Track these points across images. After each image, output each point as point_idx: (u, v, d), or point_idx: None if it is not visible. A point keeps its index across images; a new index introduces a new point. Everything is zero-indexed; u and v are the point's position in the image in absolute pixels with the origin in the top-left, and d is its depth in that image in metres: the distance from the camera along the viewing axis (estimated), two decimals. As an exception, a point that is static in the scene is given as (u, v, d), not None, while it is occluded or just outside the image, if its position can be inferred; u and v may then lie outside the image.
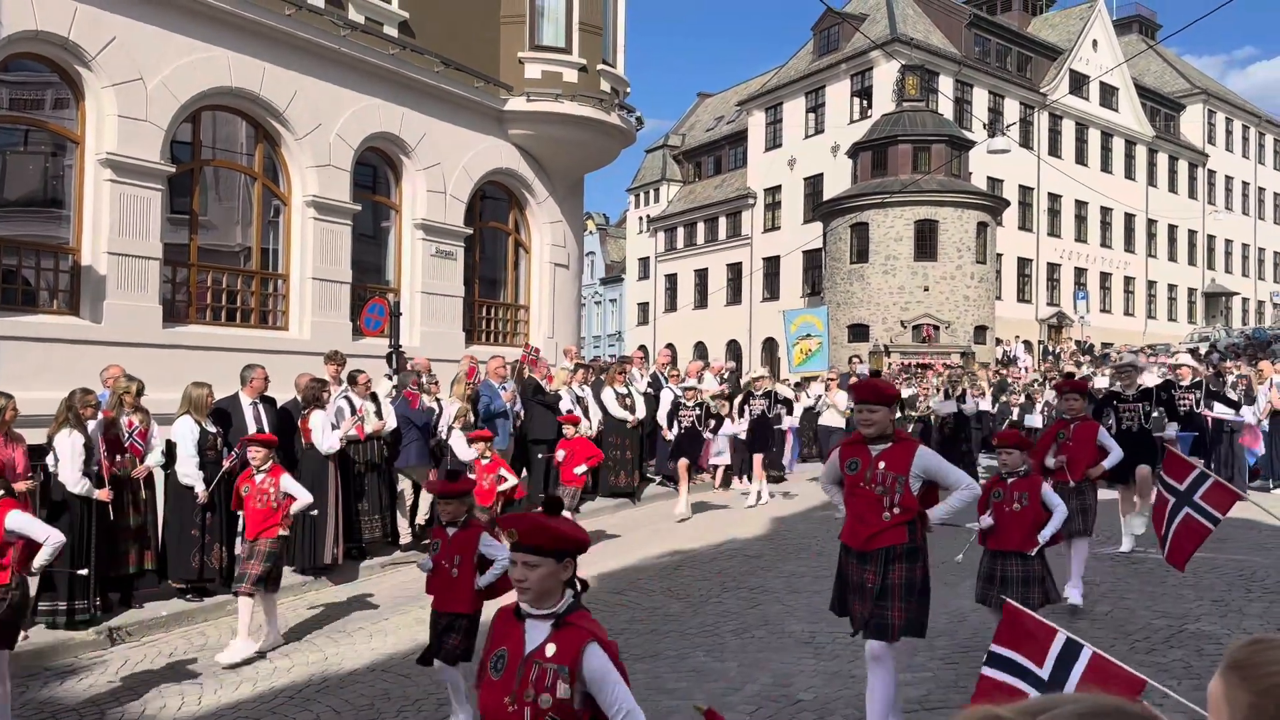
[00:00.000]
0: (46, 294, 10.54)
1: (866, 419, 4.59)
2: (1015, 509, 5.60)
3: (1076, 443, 7.13)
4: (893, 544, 4.49)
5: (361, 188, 13.77)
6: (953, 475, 4.64)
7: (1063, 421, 7.34)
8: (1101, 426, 7.39)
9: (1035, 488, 5.62)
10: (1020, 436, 6.03)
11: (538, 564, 2.74)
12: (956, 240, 32.84)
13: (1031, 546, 5.54)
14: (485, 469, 8.66)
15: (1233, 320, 49.28)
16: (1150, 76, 51.05)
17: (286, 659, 6.76)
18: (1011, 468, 5.76)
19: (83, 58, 10.42)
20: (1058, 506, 5.59)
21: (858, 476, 4.60)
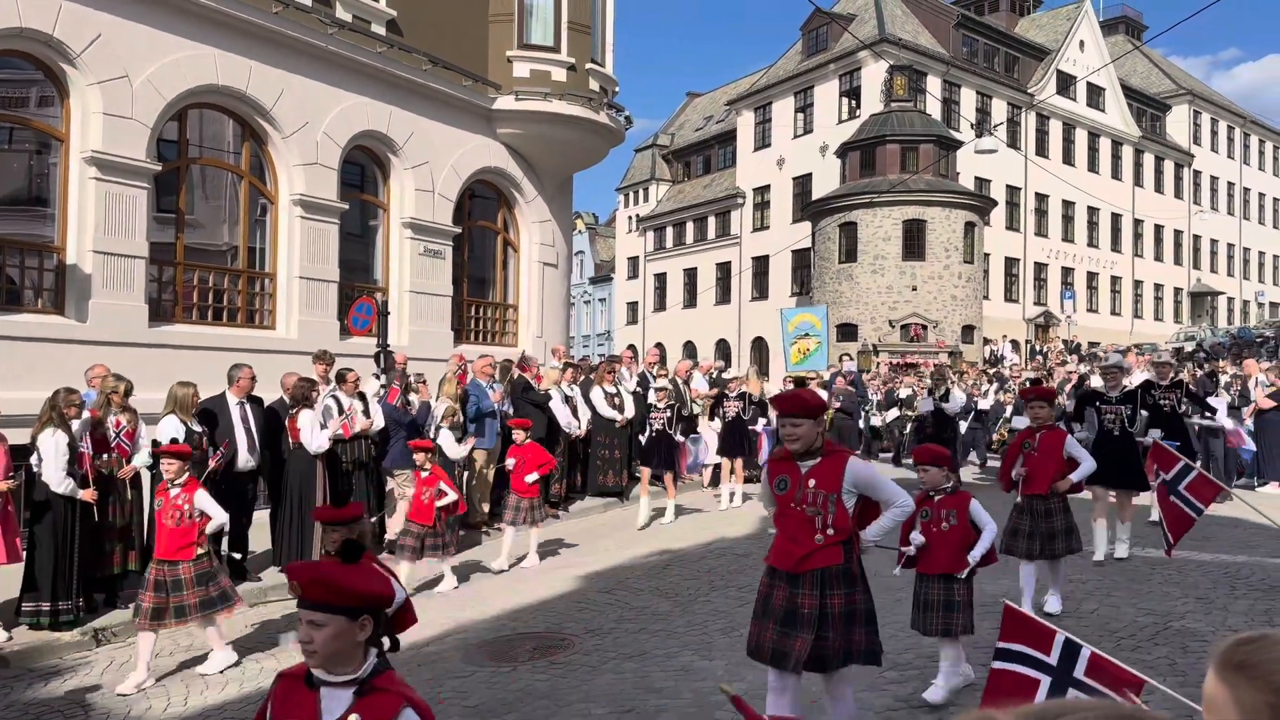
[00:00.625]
0: (31, 293, 10.47)
1: (790, 433, 4.18)
2: (943, 528, 5.23)
3: (1041, 453, 6.66)
4: (827, 565, 4.15)
5: (349, 186, 13.72)
6: (886, 490, 4.30)
7: (1029, 431, 6.88)
8: (1070, 436, 6.82)
9: (963, 505, 5.23)
10: (936, 451, 5.51)
11: (324, 623, 2.34)
12: (944, 240, 32.94)
13: (960, 568, 5.17)
14: (424, 482, 8.20)
15: (1218, 320, 49.60)
16: (1136, 77, 51.34)
17: (272, 660, 6.72)
18: (933, 485, 5.36)
19: (68, 55, 10.35)
20: (987, 525, 5.21)
21: (788, 496, 4.22)
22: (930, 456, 5.41)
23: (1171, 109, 51.03)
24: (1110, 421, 8.82)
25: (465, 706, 5.54)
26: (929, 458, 5.41)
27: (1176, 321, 48.51)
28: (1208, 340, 32.82)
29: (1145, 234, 48.68)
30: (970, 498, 5.29)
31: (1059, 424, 7.08)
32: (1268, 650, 1.17)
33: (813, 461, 4.21)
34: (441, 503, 8.18)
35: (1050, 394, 7.09)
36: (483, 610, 7.70)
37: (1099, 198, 45.06)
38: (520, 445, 9.31)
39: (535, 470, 9.21)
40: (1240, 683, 1.17)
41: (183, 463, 6.36)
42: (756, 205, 44.82)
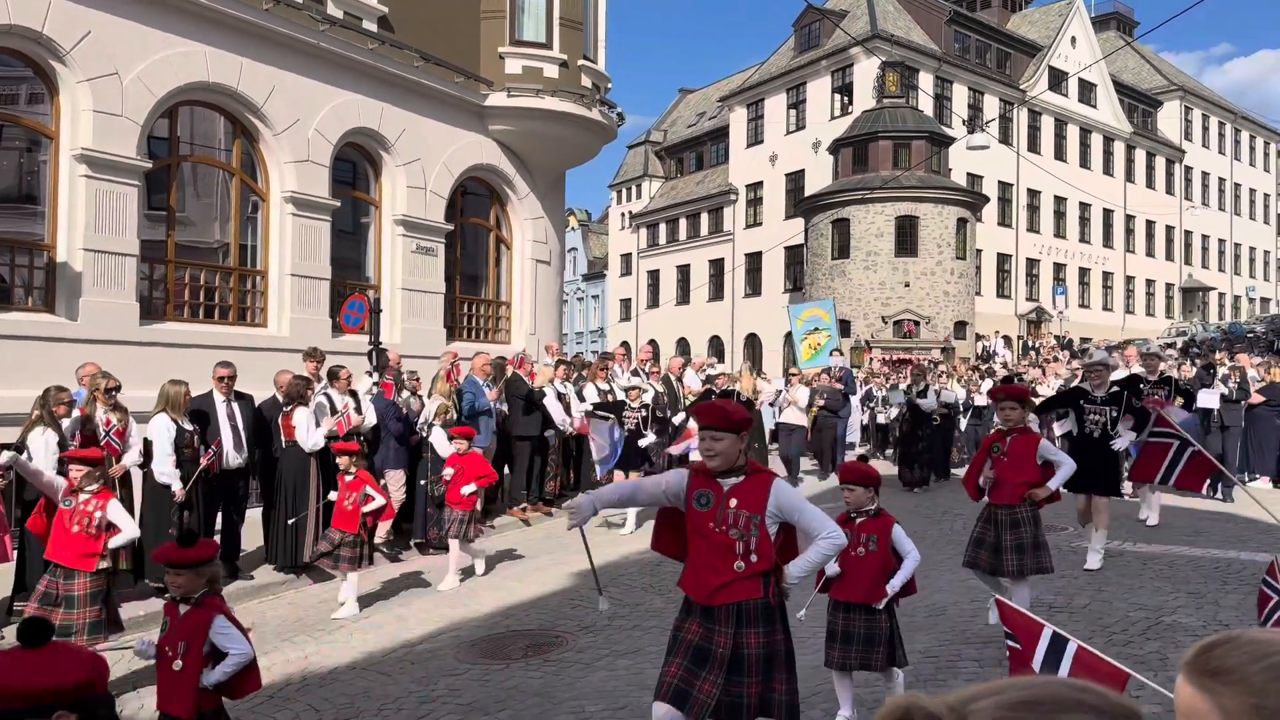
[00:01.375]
0: (21, 291, 10.43)
1: (710, 448, 3.67)
2: (861, 554, 4.76)
3: (1012, 458, 5.99)
4: (744, 599, 3.63)
5: (341, 183, 13.69)
6: (812, 519, 3.74)
7: (998, 434, 6.24)
8: (1044, 439, 6.25)
9: (885, 530, 4.79)
10: (864, 470, 4.95)
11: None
12: (937, 236, 32.98)
13: (878, 598, 4.69)
14: (349, 486, 7.65)
15: (1210, 315, 49.77)
16: (1128, 73, 51.44)
17: (266, 658, 6.70)
18: (857, 506, 4.87)
19: (57, 52, 10.31)
20: (910, 553, 4.76)
21: (708, 515, 3.69)
22: (857, 475, 4.90)
23: (1163, 105, 51.17)
24: (1093, 424, 8.21)
25: (459, 704, 5.53)
26: (855, 476, 4.89)
27: (1168, 317, 48.68)
28: (1199, 335, 32.94)
29: (1137, 229, 48.81)
30: (893, 522, 4.84)
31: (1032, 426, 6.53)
32: (1241, 651, 1.12)
33: (735, 480, 3.72)
34: (369, 508, 7.61)
35: (1022, 393, 6.37)
36: (475, 608, 7.70)
37: (1091, 193, 45.16)
38: (461, 454, 8.69)
39: (474, 481, 8.57)
40: (1220, 689, 1.12)
41: (93, 469, 5.84)
42: (749, 202, 44.83)
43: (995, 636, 6.19)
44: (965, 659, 5.80)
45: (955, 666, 5.66)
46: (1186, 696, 1.15)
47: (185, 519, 7.91)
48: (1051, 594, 7.13)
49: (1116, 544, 8.86)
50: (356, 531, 7.57)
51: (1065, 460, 6.07)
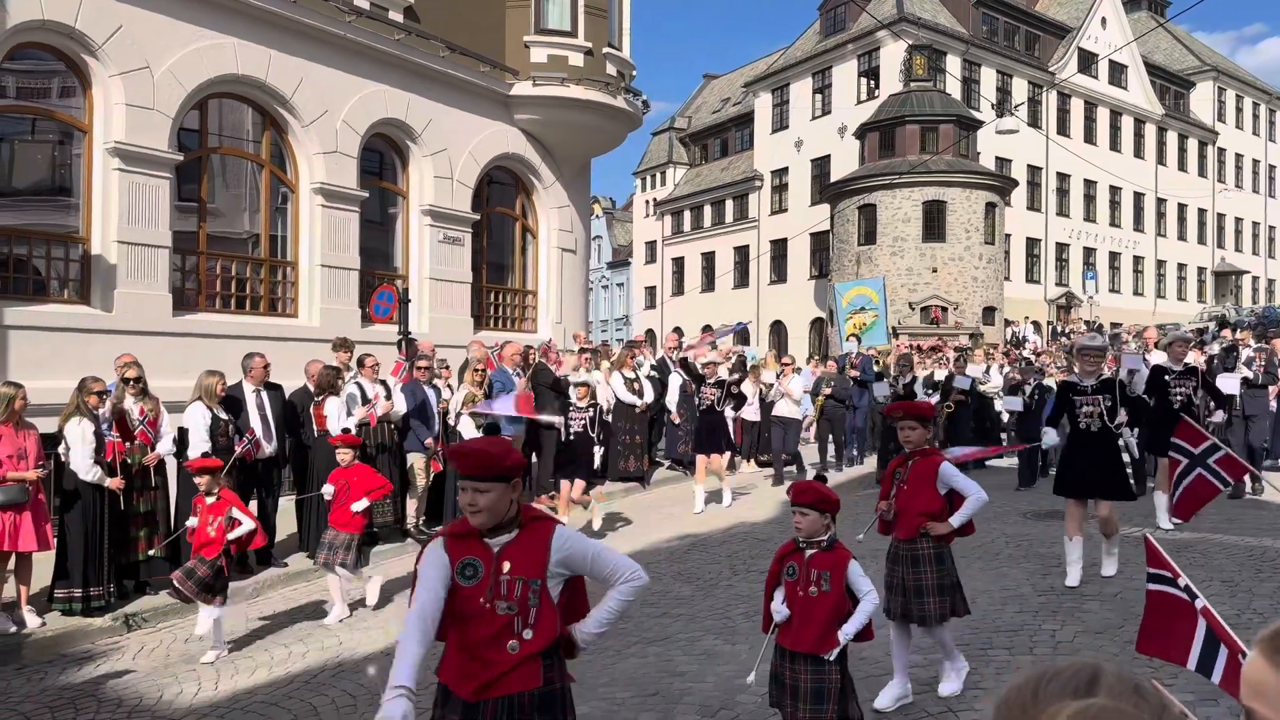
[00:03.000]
0: (57, 283, 10.59)
1: (472, 502, 2.85)
2: (813, 594, 4.02)
3: (912, 486, 5.07)
4: (521, 690, 2.84)
5: (368, 174, 13.78)
6: (606, 563, 3.05)
7: (900, 457, 5.26)
8: (947, 462, 5.14)
9: (840, 566, 4.02)
10: (821, 492, 4.13)
11: None
12: (965, 221, 32.72)
13: (829, 647, 3.97)
14: (210, 509, 6.68)
15: (1243, 299, 49.06)
16: (1160, 54, 50.66)
17: (301, 644, 6.82)
18: (809, 535, 4.09)
19: (89, 47, 10.43)
20: (867, 594, 4.02)
21: (476, 589, 2.86)
22: (813, 497, 4.09)
23: (1195, 86, 50.36)
24: (1087, 416, 7.19)
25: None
26: (811, 498, 4.09)
27: (1200, 301, 48.01)
28: (1232, 320, 32.50)
29: (1168, 213, 48.17)
30: (850, 558, 4.09)
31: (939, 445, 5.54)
32: None
33: (507, 537, 2.91)
34: (235, 534, 6.61)
35: (923, 411, 5.31)
36: None
37: (1121, 177, 44.60)
38: (345, 467, 7.43)
39: (364, 497, 7.36)
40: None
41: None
42: (774, 188, 44.63)
43: (1026, 625, 6.19)
44: (996, 647, 5.80)
45: (986, 655, 5.66)
46: (1258, 670, 1.21)
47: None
48: (1083, 582, 7.10)
49: (1148, 531, 8.79)
50: (216, 556, 6.54)
51: (972, 490, 4.99)
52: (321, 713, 5.47)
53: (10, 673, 6.43)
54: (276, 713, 5.52)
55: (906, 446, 5.15)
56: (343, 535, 7.32)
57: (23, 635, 6.87)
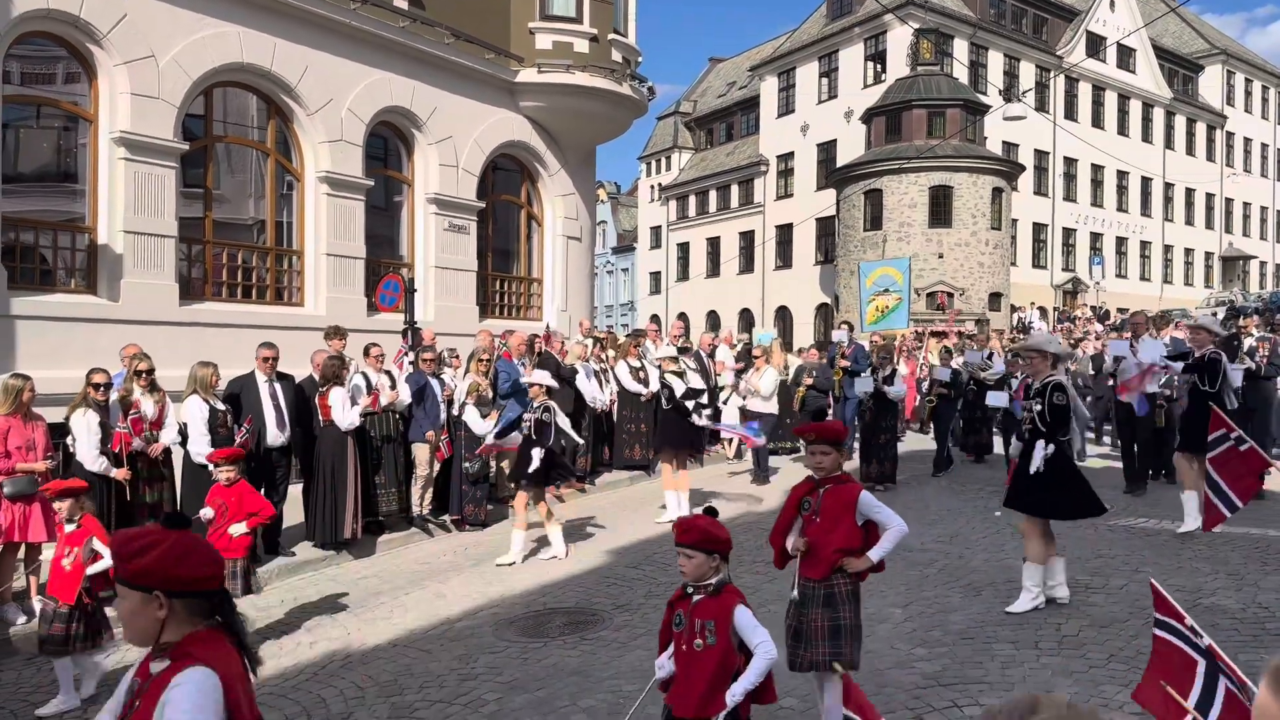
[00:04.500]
0: (64, 273, 10.61)
1: None
2: (697, 646, 3.55)
3: (825, 517, 4.42)
4: None
5: (373, 162, 13.76)
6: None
7: (808, 484, 4.58)
8: (865, 490, 4.52)
9: (726, 613, 3.53)
10: (708, 530, 3.62)
11: None
12: (971, 206, 32.62)
13: (715, 710, 3.50)
14: (68, 539, 5.78)
15: (1250, 284, 48.86)
16: (1169, 37, 50.28)
17: (309, 635, 6.86)
18: (696, 578, 3.62)
19: (94, 35, 10.41)
20: (761, 644, 3.49)
21: None
22: (699, 536, 3.60)
23: (1204, 69, 50.02)
24: (1029, 424, 6.50)
25: (499, 682, 5.63)
26: (696, 538, 3.59)
27: (1207, 287, 47.83)
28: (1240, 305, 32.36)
29: (1176, 198, 47.94)
30: (737, 604, 3.57)
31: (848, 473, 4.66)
32: None
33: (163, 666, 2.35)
34: (93, 569, 5.62)
35: (836, 433, 4.58)
36: (512, 586, 7.80)
37: (1129, 161, 44.37)
38: (226, 486, 6.61)
39: (244, 520, 6.52)
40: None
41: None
42: (780, 173, 44.49)
43: (1031, 618, 6.20)
44: (1001, 640, 5.82)
45: (991, 649, 5.68)
46: (1264, 698, 1.27)
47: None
48: (1088, 574, 7.12)
49: (1154, 523, 8.81)
50: (74, 601, 5.60)
51: (893, 521, 4.41)
52: (329, 704, 5.51)
53: (20, 663, 6.48)
54: (284, 704, 5.55)
55: (817, 473, 4.51)
56: (225, 563, 6.36)
57: (33, 626, 6.90)
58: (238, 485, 6.64)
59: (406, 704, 5.43)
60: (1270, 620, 5.92)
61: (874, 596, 6.84)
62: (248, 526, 6.50)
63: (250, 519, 6.53)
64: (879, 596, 6.86)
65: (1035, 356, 6.54)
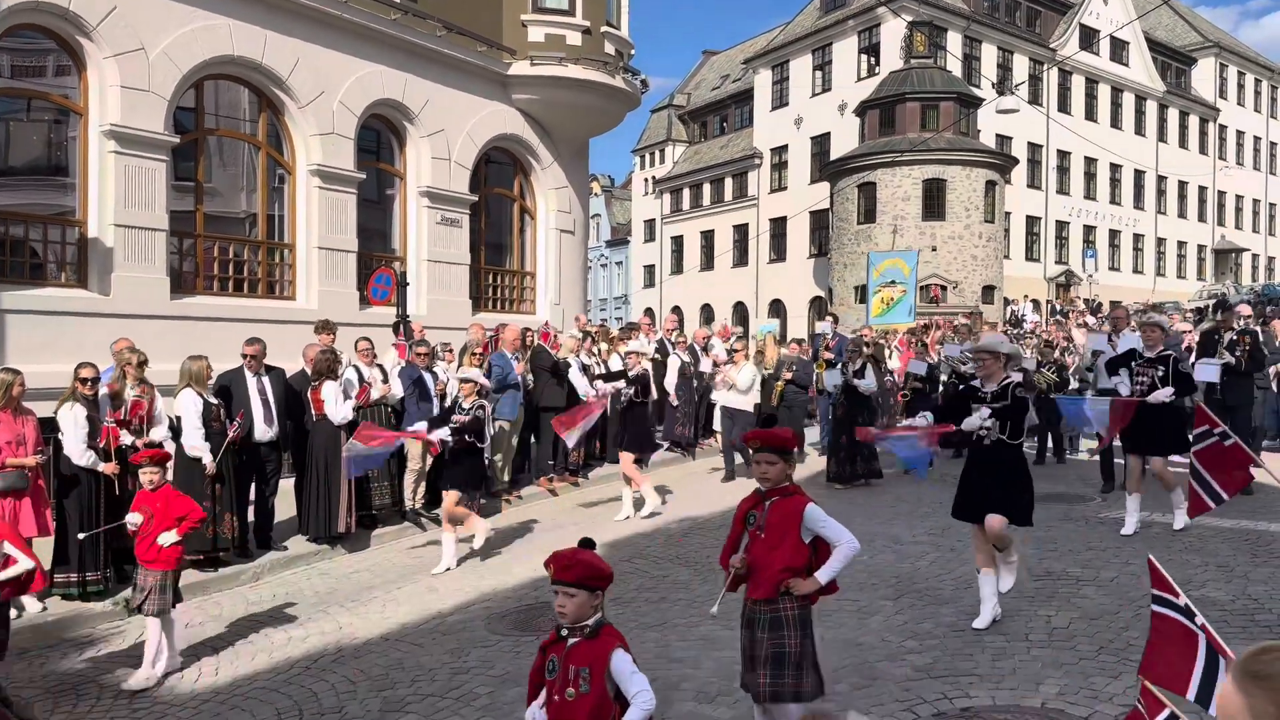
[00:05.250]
0: (54, 266, 10.57)
1: None
2: (569, 696, 3.20)
3: (770, 534, 4.07)
4: None
5: (365, 155, 13.72)
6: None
7: (754, 497, 4.22)
8: (812, 504, 4.11)
9: (601, 659, 3.18)
10: (587, 563, 3.26)
11: None
12: (965, 199, 32.65)
13: None
14: None
15: (1242, 277, 49.01)
16: (1162, 30, 50.35)
17: (301, 629, 6.86)
18: (575, 619, 3.24)
19: (83, 28, 10.36)
20: (638, 695, 3.13)
21: None
22: (581, 573, 3.23)
23: (1197, 62, 50.08)
24: (985, 429, 5.97)
25: (490, 676, 5.64)
26: (578, 575, 3.22)
27: (1199, 279, 47.97)
28: (1233, 298, 32.45)
29: (1168, 191, 48.03)
30: (614, 647, 3.19)
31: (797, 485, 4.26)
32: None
33: None
34: (7, 573, 5.06)
35: (783, 441, 4.21)
36: (505, 579, 7.80)
37: (1122, 155, 44.43)
38: (151, 490, 6.03)
39: (173, 528, 5.94)
40: (1255, 691, 1.21)
41: None
42: (774, 166, 44.46)
43: (1022, 610, 6.21)
44: (992, 632, 5.83)
45: (982, 641, 5.69)
46: (1227, 693, 1.26)
47: (217, 491, 8.05)
48: (1079, 567, 7.14)
49: (1145, 514, 8.82)
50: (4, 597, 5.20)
51: (842, 537, 4.02)
52: (322, 699, 5.51)
53: (11, 658, 6.44)
54: (277, 698, 5.55)
55: (762, 484, 4.16)
56: (152, 574, 5.90)
57: (24, 621, 6.89)
58: (163, 489, 6.08)
59: (398, 698, 5.43)
60: (1260, 612, 5.94)
61: (865, 590, 6.87)
62: (178, 533, 5.94)
63: (180, 524, 5.96)
64: (870, 590, 6.88)
65: (988, 358, 6.16)
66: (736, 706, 4.98)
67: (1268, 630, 5.63)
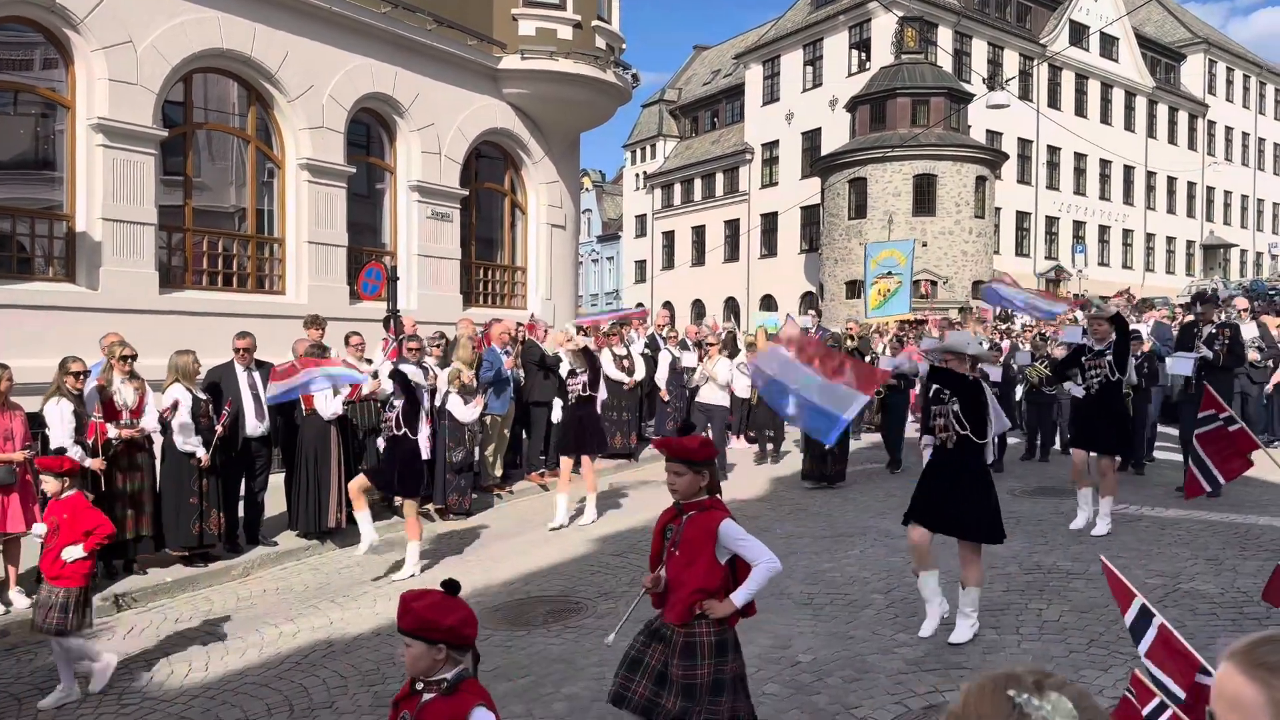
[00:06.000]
0: (42, 261, 10.50)
1: None
2: None
3: (684, 551, 3.73)
4: None
5: (355, 149, 13.66)
6: None
7: (671, 512, 3.87)
8: (728, 520, 3.72)
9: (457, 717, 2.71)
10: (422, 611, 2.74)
11: None
12: (955, 194, 32.72)
13: None
14: None
15: (1231, 272, 49.22)
16: (1151, 26, 50.51)
17: (292, 624, 6.83)
18: (424, 671, 2.77)
19: (71, 21, 10.28)
20: None
21: None
22: (414, 623, 2.73)
23: (1186, 58, 50.24)
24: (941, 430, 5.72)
25: (482, 671, 5.55)
26: (412, 624, 2.74)
27: (1188, 275, 48.16)
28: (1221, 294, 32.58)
29: (1158, 186, 48.20)
30: (476, 704, 2.72)
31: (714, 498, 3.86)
32: None
33: None
34: None
35: (688, 451, 3.74)
36: (494, 574, 7.79)
37: (1111, 150, 44.56)
38: (58, 500, 5.61)
39: (79, 540, 5.49)
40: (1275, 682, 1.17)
41: None
42: (765, 161, 44.46)
43: (1013, 603, 6.24)
44: (983, 626, 5.84)
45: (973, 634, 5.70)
46: (1235, 685, 1.21)
47: (206, 486, 8.01)
48: (1069, 560, 7.17)
49: (1135, 509, 8.86)
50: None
51: (759, 556, 3.68)
52: (312, 693, 5.49)
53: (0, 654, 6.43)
54: (267, 693, 5.53)
55: (674, 496, 3.80)
56: (59, 591, 5.45)
57: (12, 616, 6.86)
58: (70, 499, 5.60)
59: (389, 692, 5.40)
60: (1248, 604, 5.97)
61: (856, 584, 6.89)
62: (85, 549, 5.46)
63: (88, 539, 5.48)
64: (861, 584, 6.89)
65: (951, 359, 5.82)
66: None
67: (1256, 623, 5.65)
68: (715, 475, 3.87)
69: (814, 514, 9.45)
